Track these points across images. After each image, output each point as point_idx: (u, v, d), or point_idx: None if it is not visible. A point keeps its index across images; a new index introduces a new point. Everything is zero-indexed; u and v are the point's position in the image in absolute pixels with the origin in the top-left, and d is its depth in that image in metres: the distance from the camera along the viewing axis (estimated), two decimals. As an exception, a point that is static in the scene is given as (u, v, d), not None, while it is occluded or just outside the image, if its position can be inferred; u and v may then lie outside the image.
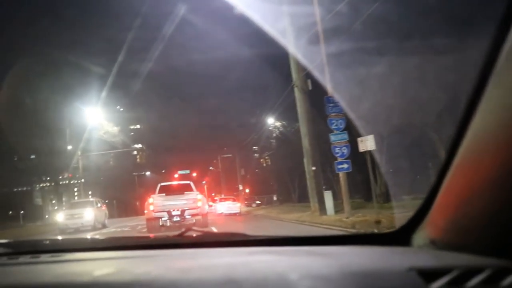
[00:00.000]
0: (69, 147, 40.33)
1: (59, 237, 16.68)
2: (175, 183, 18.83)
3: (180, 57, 68.25)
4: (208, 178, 69.89)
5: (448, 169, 1.21)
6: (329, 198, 15.68)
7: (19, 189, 47.66)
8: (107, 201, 51.82)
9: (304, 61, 15.58)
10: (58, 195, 46.41)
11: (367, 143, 12.02)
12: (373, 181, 13.92)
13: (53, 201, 50.28)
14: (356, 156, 13.99)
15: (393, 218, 9.60)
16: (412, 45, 16.03)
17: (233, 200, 32.47)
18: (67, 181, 47.95)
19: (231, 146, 55.10)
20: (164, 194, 15.21)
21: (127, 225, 20.83)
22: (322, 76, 14.69)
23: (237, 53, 42.11)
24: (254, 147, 57.13)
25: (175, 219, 14.53)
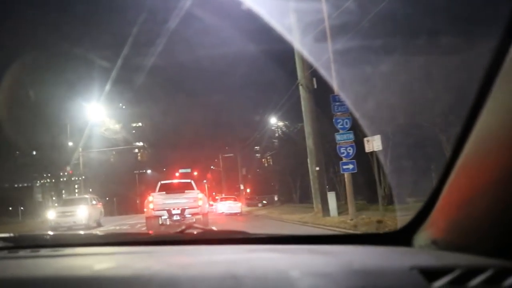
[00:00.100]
0: (70, 143, 40.10)
1: (60, 232, 16.55)
2: (176, 182, 18.57)
3: (184, 54, 68.07)
4: (209, 177, 69.69)
5: (451, 170, 1.22)
6: (333, 199, 15.37)
7: (20, 185, 47.41)
8: (108, 199, 51.97)
9: (310, 59, 15.29)
10: (59, 192, 46.15)
11: (374, 144, 11.72)
12: (382, 182, 13.62)
13: (54, 198, 50.05)
14: (359, 157, 13.70)
15: (399, 221, 9.32)
16: (420, 44, 15.75)
17: (234, 200, 32.22)
18: (68, 178, 47.75)
19: (233, 145, 54.95)
20: (165, 193, 15.02)
21: (127, 223, 20.50)
22: (328, 75, 14.41)
23: (242, 50, 41.75)
24: (256, 147, 56.97)
25: (175, 218, 14.32)
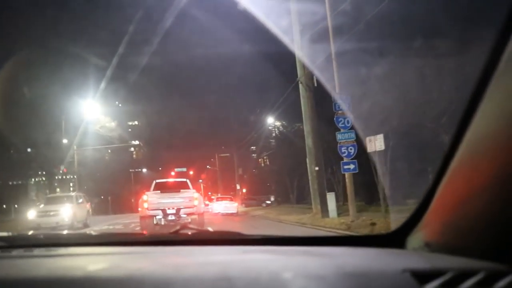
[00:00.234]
0: (65, 141, 39.65)
1: (53, 232, 16.09)
2: (171, 180, 18.21)
3: (181, 54, 67.55)
4: (205, 177, 69.28)
5: (445, 173, 1.22)
6: (332, 200, 15.01)
7: (14, 183, 46.86)
8: (102, 197, 51.46)
9: (310, 57, 14.95)
10: (53, 190, 45.66)
11: (376, 143, 11.36)
12: (381, 183, 13.28)
13: (48, 196, 49.51)
14: (358, 157, 13.35)
15: (395, 223, 9.03)
16: (421, 43, 15.46)
17: (231, 200, 31.87)
18: (62, 176, 47.28)
19: (230, 145, 54.64)
20: (159, 192, 14.65)
21: (120, 223, 19.99)
22: (329, 73, 14.09)
23: (239, 48, 41.17)
24: (253, 147, 56.69)
25: (170, 218, 13.96)
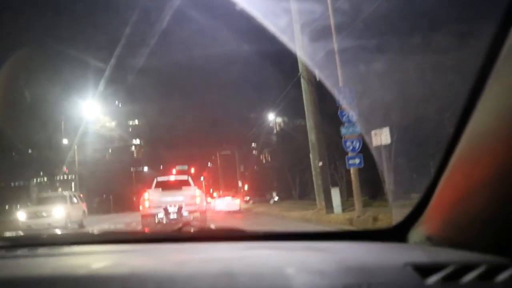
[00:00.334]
0: (66, 141, 39.51)
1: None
2: (173, 178, 17.92)
3: (181, 52, 67.07)
4: (207, 175, 69.01)
5: (446, 167, 1.22)
6: (337, 196, 14.72)
7: (16, 184, 46.76)
8: (104, 196, 51.23)
9: (312, 50, 14.67)
10: (55, 190, 45.50)
11: (382, 137, 11.08)
12: (387, 178, 13.03)
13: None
14: (360, 152, 13.08)
15: (396, 217, 8.75)
16: (424, 37, 15.24)
17: (233, 197, 31.55)
18: (63, 176, 47.11)
19: (231, 142, 54.38)
20: (161, 190, 14.43)
21: (121, 222, 19.76)
22: (330, 68, 13.82)
23: (239, 45, 40.74)
24: (254, 144, 56.43)
25: (172, 216, 13.69)
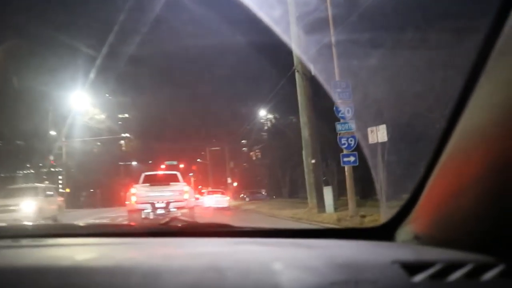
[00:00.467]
0: (53, 133, 38.71)
1: (42, 222, 15.22)
2: (161, 173, 17.55)
3: (172, 47, 66.32)
4: (196, 170, 68.55)
5: (435, 166, 1.23)
6: (329, 194, 14.34)
7: (2, 175, 45.83)
8: (92, 190, 50.51)
9: (307, 44, 14.30)
10: (41, 183, 44.67)
11: (378, 134, 10.74)
12: (379, 177, 12.69)
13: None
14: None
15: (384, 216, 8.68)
16: (423, 32, 14.93)
17: (222, 194, 31.19)
18: (50, 168, 46.28)
19: (221, 138, 54.00)
20: (148, 185, 14.10)
21: (107, 217, 19.21)
22: (325, 62, 13.47)
23: (231, 38, 40.08)
24: (243, 141, 56.09)
25: (159, 212, 13.35)
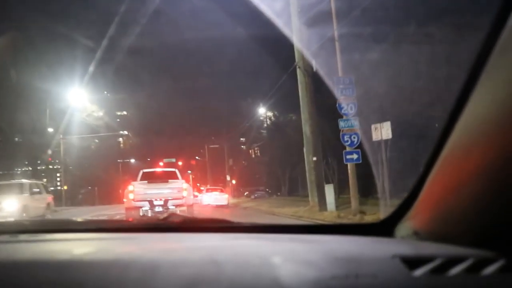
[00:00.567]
0: (51, 130, 38.41)
1: (40, 218, 14.90)
2: (159, 170, 17.36)
3: (172, 45, 65.98)
4: (195, 168, 68.34)
5: (435, 162, 1.22)
6: (330, 192, 14.08)
7: (1, 173, 45.55)
8: (90, 188, 50.18)
9: (309, 40, 14.03)
10: (40, 180, 44.37)
11: (383, 131, 10.50)
12: (381, 175, 12.46)
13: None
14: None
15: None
16: (428, 27, 14.72)
17: (221, 191, 30.94)
18: (48, 166, 46.04)
19: (220, 136, 53.75)
20: (146, 182, 13.96)
21: (105, 214, 18.97)
22: (328, 58, 13.22)
23: (232, 33, 39.43)
24: (242, 139, 55.91)
25: (157, 209, 13.18)
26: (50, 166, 46.35)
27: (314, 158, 14.43)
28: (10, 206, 13.42)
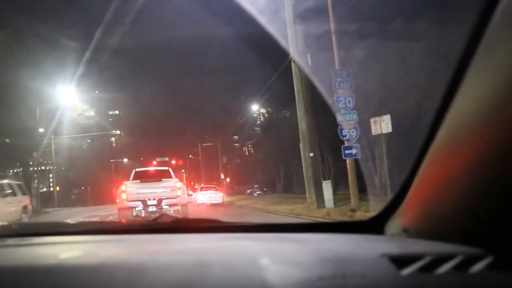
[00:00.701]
0: (41, 130, 37.81)
1: (27, 221, 14.36)
2: (152, 169, 17.02)
3: (162, 44, 65.52)
4: (188, 166, 67.97)
5: (424, 158, 1.22)
6: (328, 189, 13.73)
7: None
8: (83, 188, 49.66)
9: (304, 33, 13.74)
10: (28, 182, 43.72)
11: (382, 125, 10.20)
12: (380, 170, 12.22)
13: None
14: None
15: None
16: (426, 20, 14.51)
17: (215, 190, 30.61)
18: (40, 167, 45.43)
19: (213, 134, 53.42)
20: (139, 181, 13.61)
21: (97, 215, 18.57)
22: (324, 52, 12.96)
23: (224, 29, 39.11)
24: (236, 136, 55.62)
25: (151, 209, 12.86)
26: (42, 167, 45.73)
27: (311, 154, 14.12)
28: None
